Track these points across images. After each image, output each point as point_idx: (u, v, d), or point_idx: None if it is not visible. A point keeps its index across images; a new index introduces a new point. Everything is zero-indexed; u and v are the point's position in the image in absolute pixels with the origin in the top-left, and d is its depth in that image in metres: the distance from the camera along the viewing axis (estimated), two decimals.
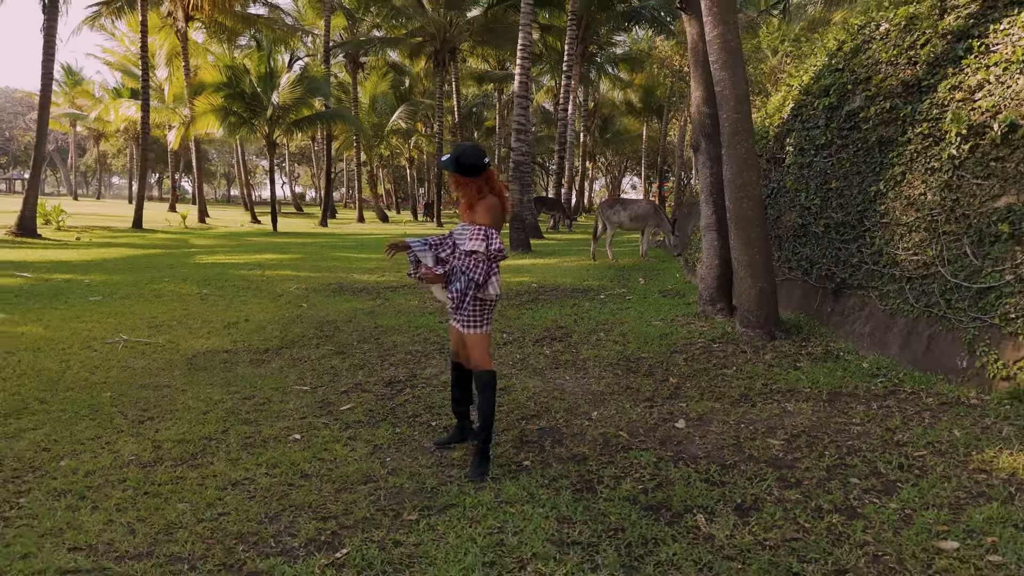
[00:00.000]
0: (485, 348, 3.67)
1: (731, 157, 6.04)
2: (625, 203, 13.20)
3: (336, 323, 7.51)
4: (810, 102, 6.73)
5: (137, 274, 11.23)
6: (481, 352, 3.64)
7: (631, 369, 5.48)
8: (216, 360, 6.07)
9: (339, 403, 4.84)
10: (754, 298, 6.07)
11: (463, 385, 3.92)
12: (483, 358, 3.65)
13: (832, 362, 5.44)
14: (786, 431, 4.10)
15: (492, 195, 3.68)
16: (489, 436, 3.64)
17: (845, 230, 5.97)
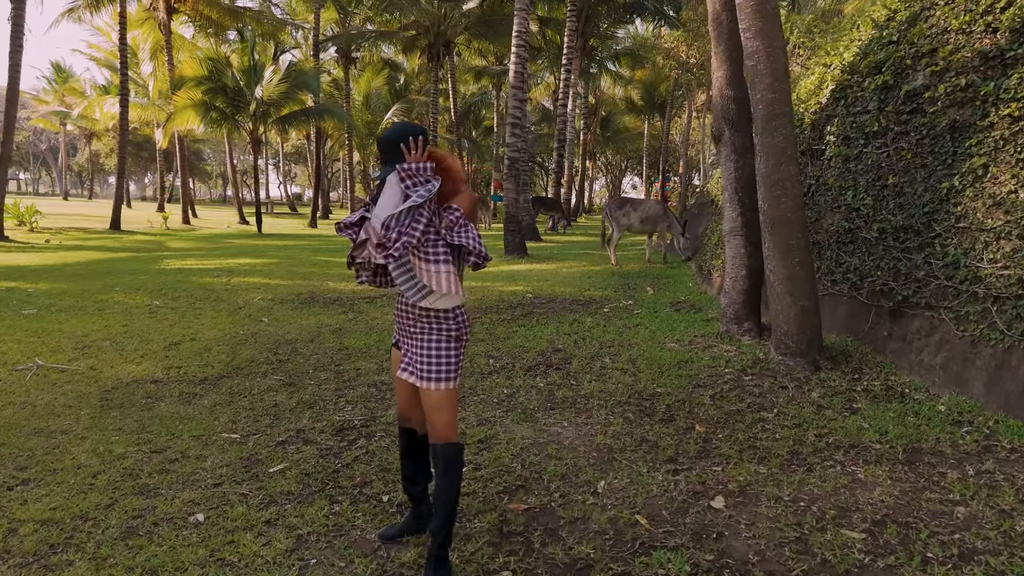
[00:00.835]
0: (453, 410, 2.58)
1: (766, 147, 4.93)
2: (635, 204, 12.07)
3: (295, 344, 6.40)
4: (856, 82, 5.63)
5: (90, 282, 10.12)
6: (449, 417, 2.56)
7: (645, 411, 4.37)
8: (138, 394, 4.98)
9: (270, 461, 3.74)
10: (794, 319, 4.96)
11: (417, 457, 2.83)
12: (450, 425, 2.56)
13: (898, 403, 4.33)
14: (864, 515, 2.99)
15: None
16: (450, 535, 2.55)
17: (907, 236, 4.86)
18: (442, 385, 2.52)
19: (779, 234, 4.95)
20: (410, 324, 2.59)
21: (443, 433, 2.54)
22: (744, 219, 5.87)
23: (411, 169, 2.42)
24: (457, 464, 2.58)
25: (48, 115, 47.27)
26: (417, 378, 2.54)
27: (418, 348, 2.56)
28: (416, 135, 2.49)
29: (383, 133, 2.57)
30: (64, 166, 58.66)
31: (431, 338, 2.55)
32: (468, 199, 2.56)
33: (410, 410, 2.72)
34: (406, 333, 2.62)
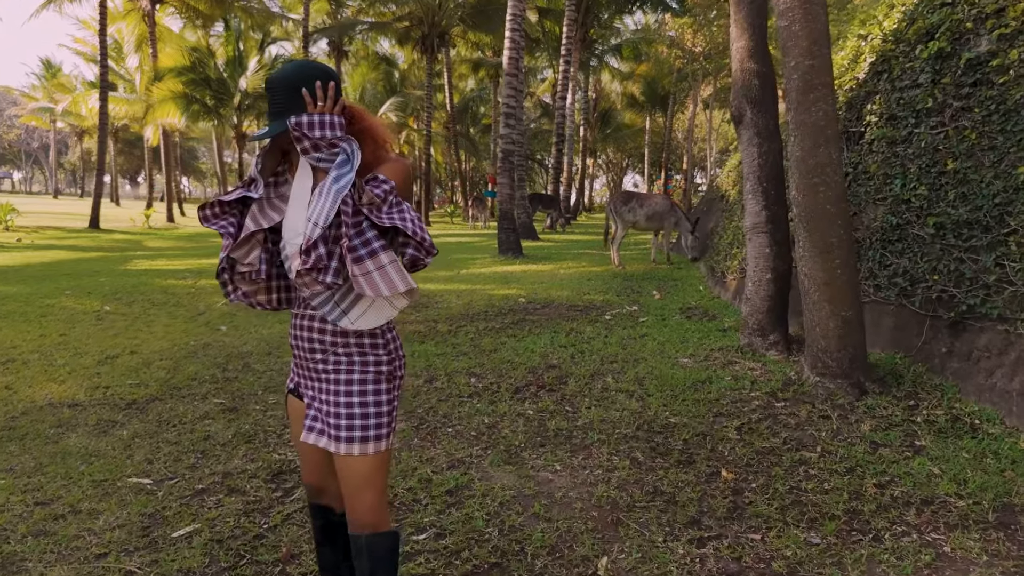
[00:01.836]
0: (384, 483, 1.76)
1: (801, 125, 4.10)
2: (641, 199, 11.18)
3: (249, 358, 5.57)
4: (903, 52, 4.78)
5: (43, 284, 9.29)
6: (377, 495, 1.74)
7: (657, 449, 3.54)
8: (49, 422, 4.16)
9: (178, 520, 2.91)
10: (834, 332, 4.13)
11: (336, 542, 1.99)
12: (380, 507, 1.74)
13: (970, 439, 3.49)
14: None
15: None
16: None
17: (972, 233, 4.03)
18: (369, 448, 1.70)
19: (816, 230, 4.11)
20: (317, 359, 1.76)
21: (369, 518, 1.73)
22: (769, 213, 5.03)
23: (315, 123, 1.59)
24: (391, 561, 1.76)
25: (37, 111, 46.34)
26: (331, 439, 1.71)
27: (330, 395, 1.73)
28: (326, 79, 1.67)
29: (274, 72, 1.75)
30: (55, 164, 57.74)
31: (351, 378, 1.73)
32: (399, 169, 1.73)
33: (323, 480, 1.91)
34: (310, 373, 1.79)
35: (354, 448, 1.68)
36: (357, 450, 1.68)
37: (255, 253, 1.74)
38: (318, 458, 1.85)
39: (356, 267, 1.59)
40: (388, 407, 1.73)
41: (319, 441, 1.72)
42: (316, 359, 1.75)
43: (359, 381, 1.71)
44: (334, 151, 1.60)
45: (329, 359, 1.74)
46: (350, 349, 1.73)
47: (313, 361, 1.76)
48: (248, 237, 1.72)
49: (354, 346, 1.73)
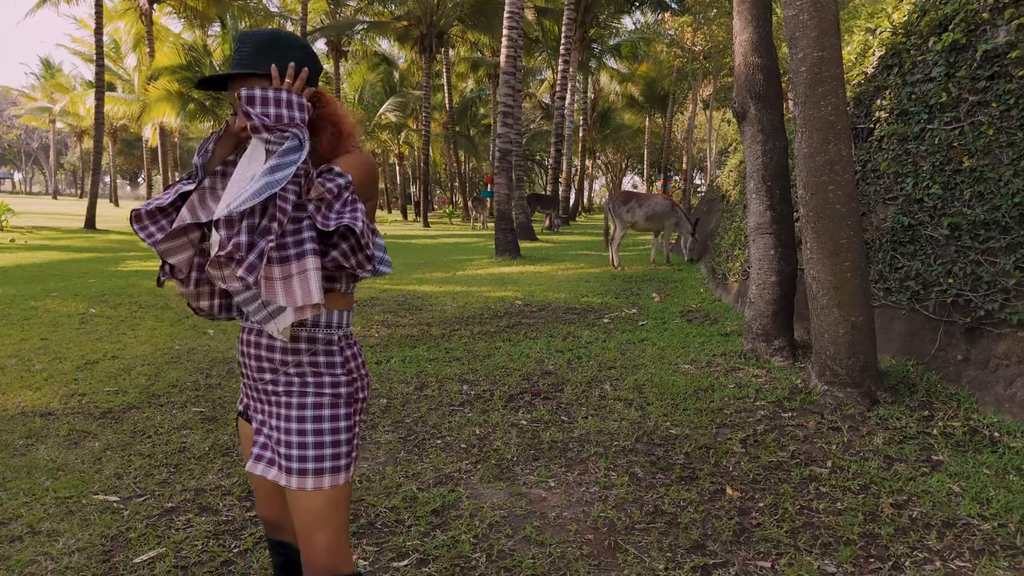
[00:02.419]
0: (344, 520, 1.56)
1: (809, 120, 3.89)
2: (641, 199, 10.98)
3: (234, 363, 5.37)
4: (915, 44, 4.58)
5: (30, 286, 9.08)
6: (335, 533, 1.53)
7: (657, 463, 3.33)
8: (17, 432, 3.95)
9: (143, 542, 2.71)
10: (843, 338, 3.92)
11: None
12: (339, 547, 1.53)
13: (990, 453, 3.29)
14: None
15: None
16: None
17: (990, 234, 3.82)
18: (325, 482, 1.49)
19: (825, 231, 3.91)
20: (266, 379, 1.55)
21: (324, 561, 1.52)
22: (774, 213, 4.83)
23: (271, 99, 1.38)
24: None
25: (35, 111, 46.18)
26: (281, 471, 1.50)
27: (281, 420, 1.52)
28: (302, 57, 1.47)
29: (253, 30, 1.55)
30: (55, 164, 57.57)
31: (304, 402, 1.52)
32: (361, 163, 1.53)
33: (281, 515, 1.70)
34: (259, 395, 1.59)
35: (307, 482, 1.47)
36: (311, 484, 1.47)
37: (186, 254, 1.53)
38: (272, 489, 1.65)
39: (277, 268, 1.37)
40: (347, 434, 1.52)
41: (268, 473, 1.51)
42: (265, 379, 1.54)
43: (313, 405, 1.50)
44: (283, 135, 1.39)
45: (280, 379, 1.53)
46: (303, 368, 1.52)
47: (262, 382, 1.55)
48: (179, 231, 1.50)
49: (307, 365, 1.52)
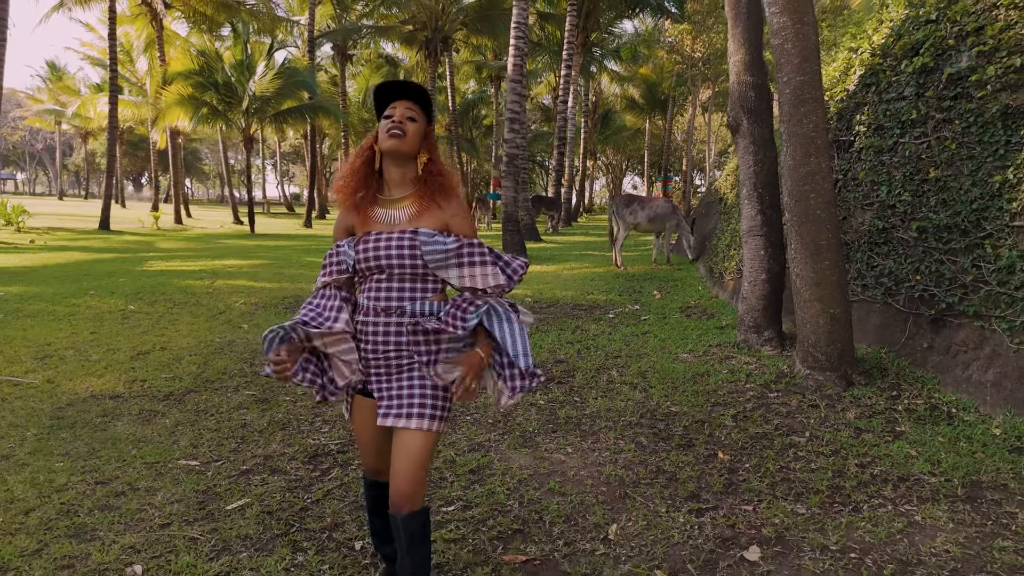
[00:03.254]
0: (428, 467, 2.05)
1: (793, 136, 4.43)
2: (643, 202, 11.55)
3: None
4: (890, 66, 5.11)
5: (65, 285, 9.61)
6: (423, 472, 2.00)
7: (659, 434, 3.87)
8: (94, 412, 4.47)
9: (229, 495, 3.23)
10: (823, 328, 4.45)
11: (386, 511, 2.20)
12: (422, 483, 2.01)
13: (946, 425, 3.82)
14: (929, 570, 2.49)
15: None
16: None
17: (952, 236, 4.35)
18: (434, 425, 1.97)
19: (807, 233, 4.44)
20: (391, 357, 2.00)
21: (412, 489, 1.96)
22: (764, 217, 5.36)
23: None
24: (424, 534, 2.04)
25: (42, 113, 46.68)
26: (408, 418, 1.95)
27: (404, 383, 1.99)
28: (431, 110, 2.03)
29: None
30: (60, 166, 58.09)
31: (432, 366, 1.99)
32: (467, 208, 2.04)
33: (383, 462, 2.16)
34: (385, 370, 2.03)
35: (423, 423, 1.93)
36: (425, 425, 1.93)
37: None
38: (381, 444, 2.11)
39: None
40: (444, 394, 2.02)
41: (397, 422, 1.95)
42: (391, 358, 1.99)
43: (425, 378, 1.98)
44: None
45: (403, 356, 1.98)
46: (428, 343, 1.97)
47: (387, 359, 1.98)
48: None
49: (433, 340, 1.98)
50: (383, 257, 1.95)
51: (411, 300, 1.97)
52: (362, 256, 1.97)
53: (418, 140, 1.98)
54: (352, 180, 2.00)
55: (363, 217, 2.01)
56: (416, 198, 2.01)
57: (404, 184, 2.03)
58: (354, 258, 1.98)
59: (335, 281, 2.04)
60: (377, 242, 1.96)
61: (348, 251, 2.00)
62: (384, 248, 1.95)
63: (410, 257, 1.94)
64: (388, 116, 1.98)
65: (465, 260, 1.94)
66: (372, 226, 2.01)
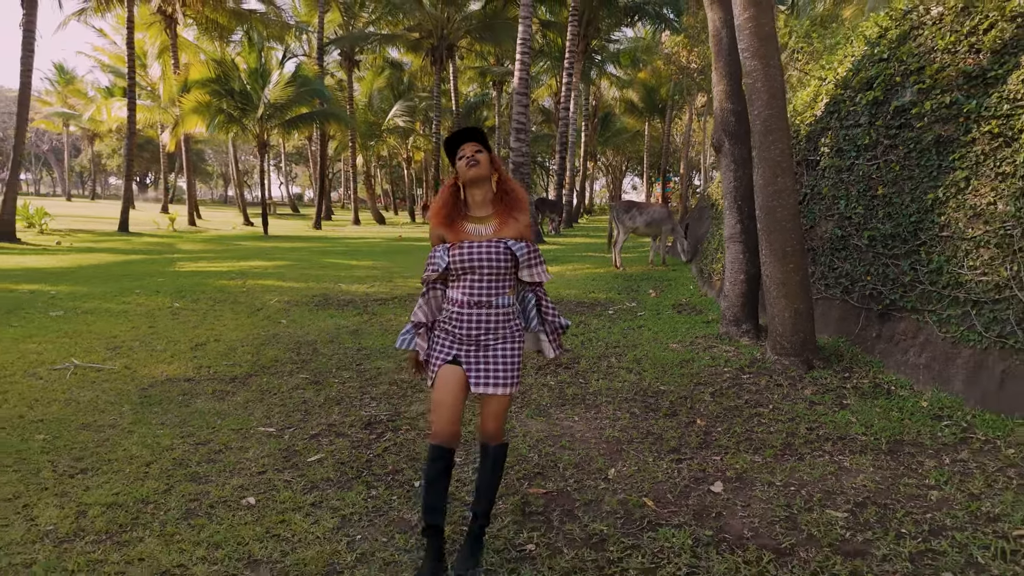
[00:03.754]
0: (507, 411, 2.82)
1: (763, 160, 5.27)
2: (641, 208, 12.47)
3: (316, 344, 6.74)
4: (849, 97, 5.96)
5: (109, 284, 10.46)
6: (504, 421, 2.74)
7: (650, 407, 4.72)
8: (174, 392, 5.31)
9: (307, 452, 4.07)
10: (788, 321, 5.30)
11: (445, 481, 2.70)
12: (504, 424, 2.75)
13: (884, 399, 4.67)
14: (848, 497, 3.33)
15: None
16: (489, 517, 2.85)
17: (895, 244, 5.20)
18: (515, 389, 2.66)
19: (775, 241, 5.28)
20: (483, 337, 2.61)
21: (501, 432, 2.69)
22: (743, 226, 6.20)
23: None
24: (504, 461, 2.78)
25: (51, 116, 47.51)
26: (497, 386, 2.57)
27: (492, 358, 2.61)
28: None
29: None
30: (68, 167, 58.91)
31: (507, 346, 2.62)
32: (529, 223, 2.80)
33: (458, 430, 2.66)
34: (479, 346, 2.62)
35: (508, 389, 2.64)
36: (511, 391, 2.66)
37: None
38: (457, 411, 2.68)
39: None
40: (517, 365, 2.68)
41: (487, 390, 2.61)
42: (480, 338, 2.64)
43: (512, 348, 2.67)
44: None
45: (491, 337, 2.64)
46: (509, 323, 2.67)
47: (477, 340, 2.63)
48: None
49: (514, 322, 2.68)
50: (475, 261, 2.56)
51: (496, 295, 2.61)
52: (457, 260, 2.57)
53: (488, 165, 2.67)
54: (444, 207, 2.68)
55: (455, 231, 2.61)
56: (497, 215, 2.64)
57: (485, 204, 2.66)
58: (447, 261, 2.60)
59: (432, 277, 2.69)
60: (471, 250, 2.57)
61: (442, 256, 2.63)
62: (476, 254, 2.56)
63: (497, 261, 2.56)
64: (461, 156, 2.68)
65: (534, 261, 2.67)
66: (464, 237, 2.60)
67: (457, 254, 2.60)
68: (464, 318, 2.62)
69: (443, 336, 2.69)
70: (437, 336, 2.71)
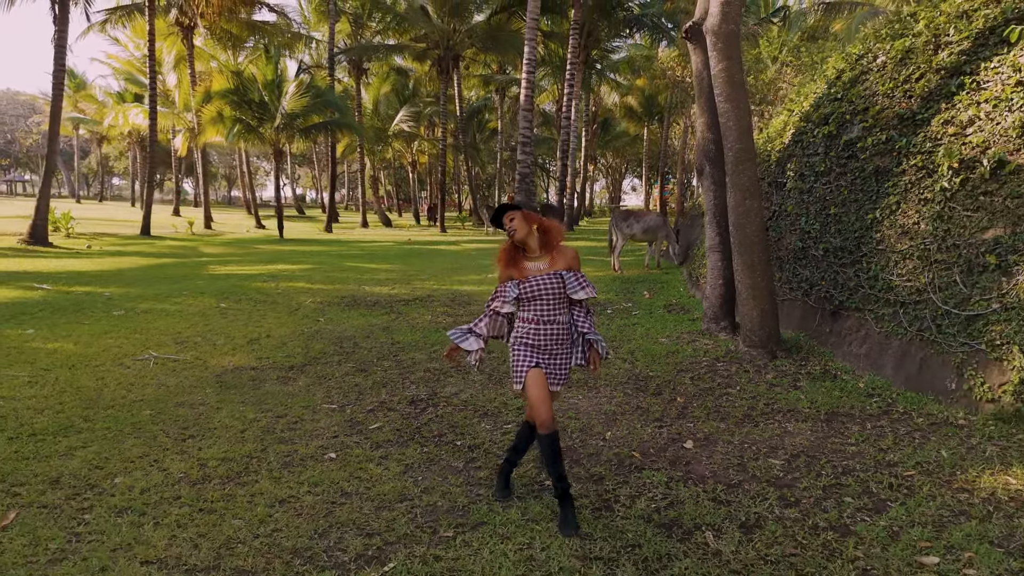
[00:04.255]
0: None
1: (735, 185, 6.36)
2: (638, 216, 13.65)
3: (355, 339, 7.82)
4: (810, 129, 7.06)
5: (154, 286, 11.54)
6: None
7: (640, 388, 5.81)
8: (244, 377, 6.38)
9: (367, 422, 5.15)
10: (756, 319, 6.39)
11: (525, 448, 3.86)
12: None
13: (830, 382, 5.76)
14: (786, 451, 4.42)
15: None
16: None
17: (843, 255, 6.29)
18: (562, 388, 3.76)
19: (745, 253, 6.37)
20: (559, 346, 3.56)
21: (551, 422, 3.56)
22: (721, 238, 7.28)
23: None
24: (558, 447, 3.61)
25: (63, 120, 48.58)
26: (558, 385, 3.66)
27: (556, 363, 3.58)
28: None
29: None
30: (78, 170, 60.01)
31: (567, 353, 3.68)
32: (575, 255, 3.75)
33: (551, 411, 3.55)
34: (550, 354, 3.54)
35: (559, 387, 3.70)
36: (562, 388, 3.78)
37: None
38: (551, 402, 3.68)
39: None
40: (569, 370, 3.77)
41: (554, 388, 3.66)
42: (551, 347, 3.62)
43: (566, 357, 3.70)
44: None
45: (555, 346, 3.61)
46: (566, 341, 3.68)
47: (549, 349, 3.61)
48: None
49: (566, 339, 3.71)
50: (541, 290, 3.50)
51: (557, 314, 3.54)
52: (527, 291, 3.50)
53: (524, 224, 3.66)
54: (507, 256, 3.69)
55: (520, 270, 3.54)
56: (546, 254, 3.57)
57: (536, 247, 3.69)
58: (517, 293, 3.53)
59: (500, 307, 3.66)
60: (536, 283, 3.50)
61: (512, 289, 3.62)
62: (539, 286, 3.50)
63: (554, 290, 3.50)
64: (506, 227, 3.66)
65: (583, 284, 3.66)
66: (527, 274, 3.54)
67: (526, 287, 3.57)
68: (539, 332, 3.54)
69: (523, 348, 3.61)
70: (518, 350, 3.62)
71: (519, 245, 3.66)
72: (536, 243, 3.64)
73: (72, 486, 4.06)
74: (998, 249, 4.92)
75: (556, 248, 3.66)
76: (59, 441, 4.74)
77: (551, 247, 3.65)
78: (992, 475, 3.93)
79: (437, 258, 17.61)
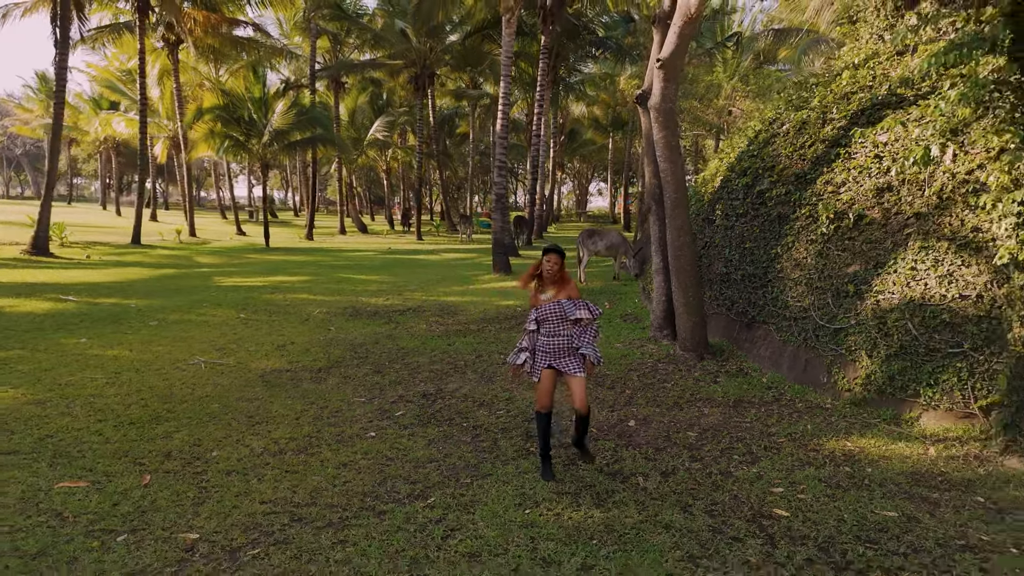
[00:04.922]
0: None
1: (672, 225, 8.15)
2: (601, 235, 15.56)
3: (366, 345, 9.44)
4: (734, 178, 8.90)
5: (173, 299, 12.94)
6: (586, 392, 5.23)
7: (599, 384, 7.56)
8: (283, 378, 7.95)
9: (393, 410, 6.80)
10: (689, 329, 8.19)
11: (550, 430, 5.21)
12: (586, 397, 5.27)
13: (741, 378, 7.59)
14: (700, 427, 6.21)
15: None
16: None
17: (755, 280, 8.13)
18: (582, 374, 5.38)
19: (680, 278, 8.17)
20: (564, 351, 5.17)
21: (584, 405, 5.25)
22: (664, 264, 9.08)
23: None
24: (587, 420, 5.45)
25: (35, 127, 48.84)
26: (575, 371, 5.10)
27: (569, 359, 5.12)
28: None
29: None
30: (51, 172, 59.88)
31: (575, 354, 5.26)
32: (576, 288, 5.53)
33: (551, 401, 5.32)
34: (559, 357, 5.01)
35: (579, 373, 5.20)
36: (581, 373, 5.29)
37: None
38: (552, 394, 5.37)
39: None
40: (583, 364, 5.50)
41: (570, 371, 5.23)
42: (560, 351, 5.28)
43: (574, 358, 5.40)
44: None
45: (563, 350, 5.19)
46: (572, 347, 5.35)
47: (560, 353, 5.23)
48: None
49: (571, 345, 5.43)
50: (548, 314, 4.98)
51: (562, 329, 5.12)
52: (541, 315, 5.03)
53: (558, 270, 5.29)
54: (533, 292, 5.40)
55: (535, 301, 5.31)
56: (557, 289, 5.20)
57: (552, 284, 5.29)
58: (536, 315, 5.31)
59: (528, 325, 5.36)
60: (546, 310, 4.95)
61: (533, 313, 5.24)
62: (548, 311, 4.96)
63: (559, 313, 4.93)
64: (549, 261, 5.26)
65: (582, 307, 5.35)
66: (540, 303, 5.00)
67: (540, 312, 5.23)
68: (549, 342, 5.17)
69: (542, 355, 5.27)
70: (538, 356, 5.28)
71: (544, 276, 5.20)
72: (553, 281, 5.19)
73: (182, 458, 5.59)
74: (855, 280, 6.79)
75: (564, 287, 5.28)
76: (155, 428, 6.25)
77: (562, 286, 5.24)
78: (836, 440, 5.77)
79: (419, 268, 19.23)
